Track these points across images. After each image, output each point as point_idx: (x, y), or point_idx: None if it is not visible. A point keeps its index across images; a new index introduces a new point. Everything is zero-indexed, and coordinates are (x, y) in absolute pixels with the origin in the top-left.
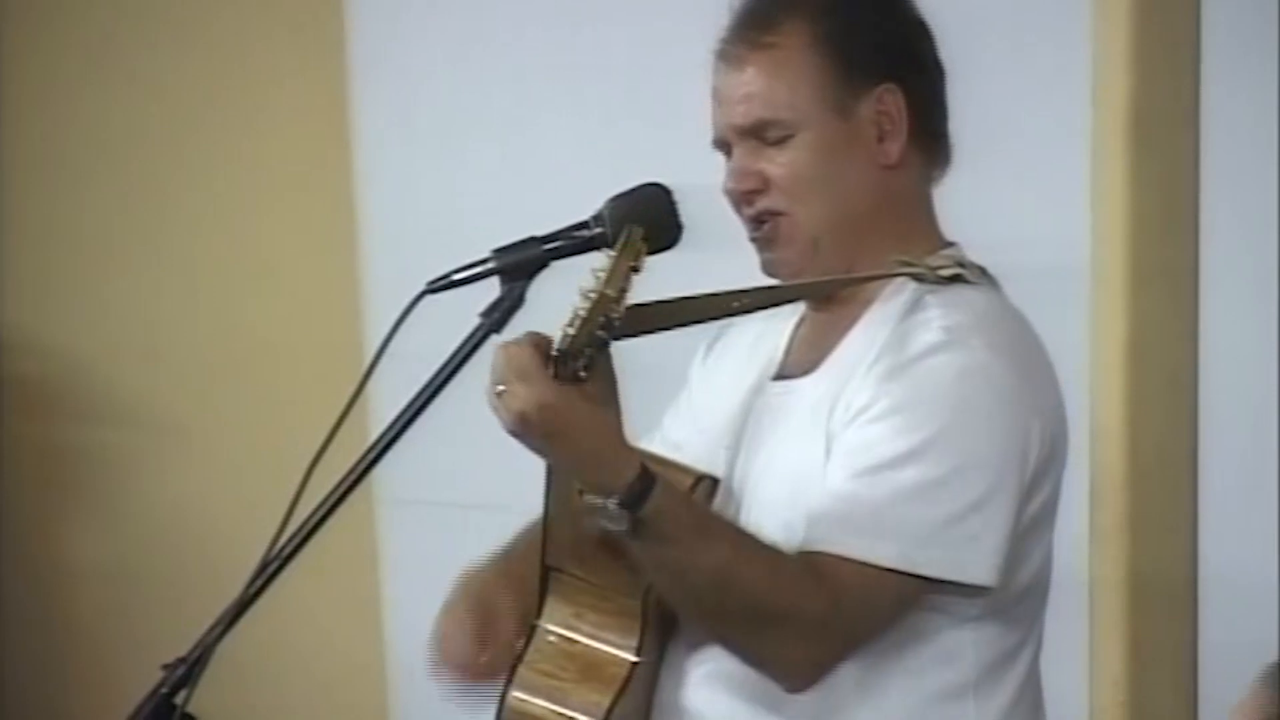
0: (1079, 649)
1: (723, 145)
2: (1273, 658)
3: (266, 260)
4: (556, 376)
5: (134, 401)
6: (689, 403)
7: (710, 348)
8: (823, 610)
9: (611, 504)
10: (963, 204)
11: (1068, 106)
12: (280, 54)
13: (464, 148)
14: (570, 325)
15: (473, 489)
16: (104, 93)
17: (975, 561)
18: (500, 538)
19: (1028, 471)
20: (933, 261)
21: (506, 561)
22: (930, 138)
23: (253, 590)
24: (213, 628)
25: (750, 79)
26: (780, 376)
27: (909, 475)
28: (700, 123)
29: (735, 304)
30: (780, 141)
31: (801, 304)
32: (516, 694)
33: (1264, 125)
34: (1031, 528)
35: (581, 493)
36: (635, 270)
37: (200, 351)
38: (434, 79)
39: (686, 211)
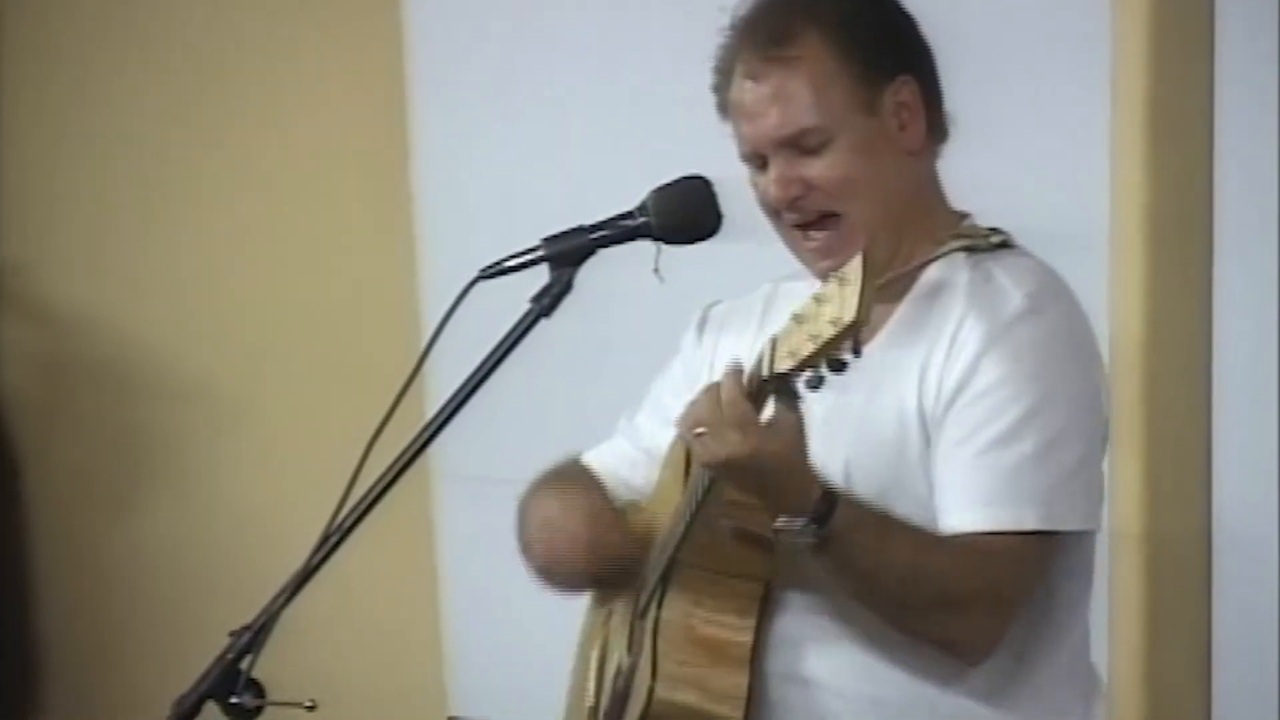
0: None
1: (754, 158)
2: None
3: (329, 248)
4: (752, 399)
5: (203, 383)
6: (686, 373)
7: (704, 322)
8: (992, 579)
9: (802, 524)
10: (992, 190)
11: (1089, 97)
12: (338, 42)
13: (516, 138)
14: (786, 343)
15: (524, 465)
16: (165, 75)
17: (1092, 509)
18: None
19: (1107, 424)
20: (980, 232)
21: (575, 482)
22: (937, 117)
23: (314, 561)
24: (276, 597)
25: (779, 90)
26: None
27: (1029, 443)
28: None
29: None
30: (818, 148)
31: (812, 276)
32: (662, 690)
33: (1274, 102)
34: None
35: (729, 505)
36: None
37: (265, 335)
38: (490, 68)
39: (726, 202)
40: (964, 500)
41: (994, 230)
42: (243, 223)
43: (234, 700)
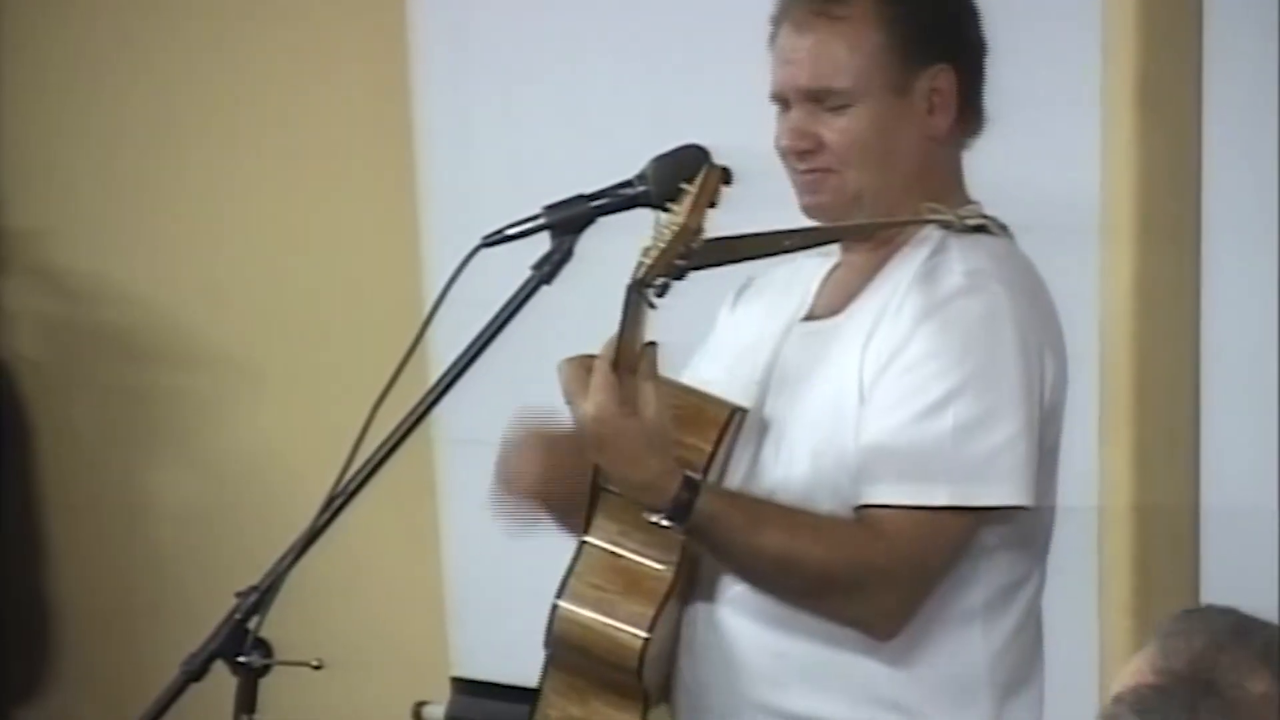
0: (1089, 579)
1: (781, 100)
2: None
3: (334, 215)
4: (615, 363)
5: (211, 348)
6: (717, 344)
7: (739, 295)
8: (885, 564)
9: (661, 519)
10: (982, 165)
11: (1079, 73)
12: (343, 9)
13: (519, 106)
14: (647, 255)
15: None
16: (174, 43)
17: (1019, 487)
18: None
19: (1044, 402)
20: (960, 212)
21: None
22: (972, 111)
23: (320, 523)
24: (283, 558)
25: (818, 46)
26: (809, 318)
27: (949, 418)
28: (743, 87)
29: (786, 242)
30: (838, 109)
31: (833, 254)
32: (567, 604)
33: (1263, 90)
34: (1044, 460)
35: None
36: (713, 205)
37: (272, 301)
38: (492, 36)
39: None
40: (878, 472)
41: (984, 216)
42: (249, 190)
43: (242, 659)
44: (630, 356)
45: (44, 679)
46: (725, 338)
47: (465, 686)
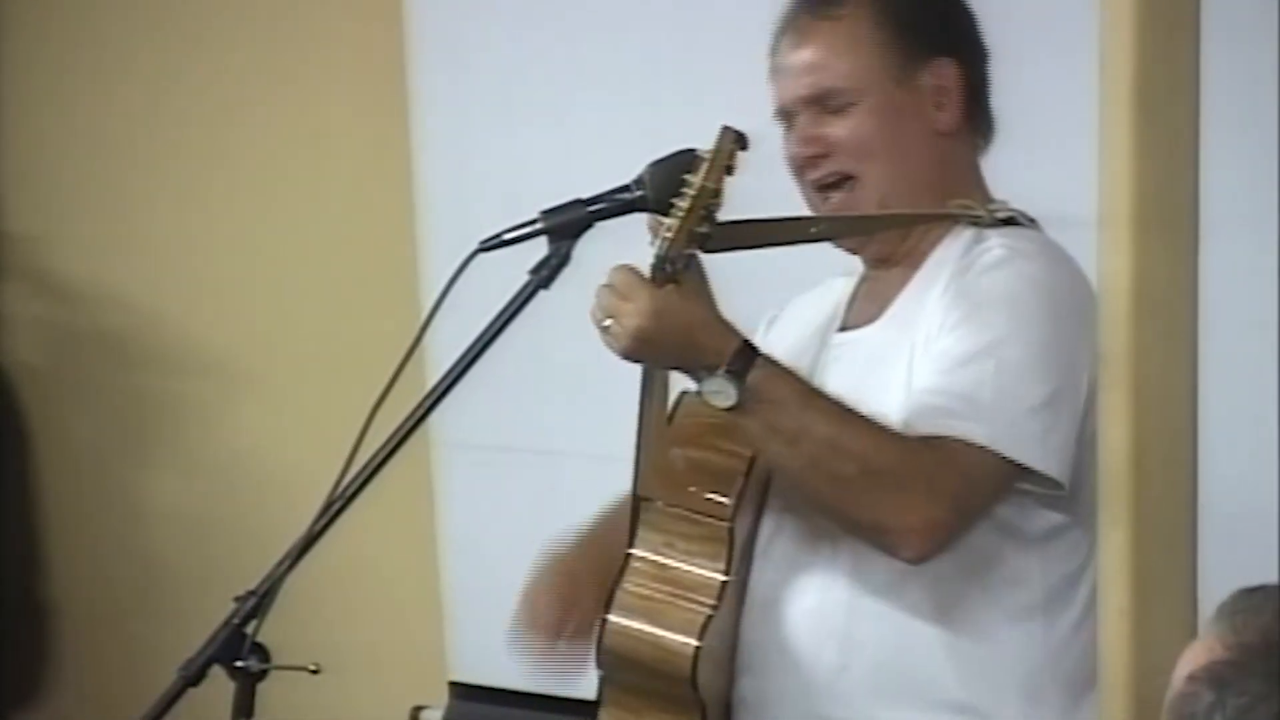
0: None
1: (785, 116)
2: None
3: (331, 220)
4: (654, 281)
5: (208, 353)
6: None
7: (771, 324)
8: (931, 468)
9: (720, 375)
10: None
11: (1076, 73)
12: (339, 16)
13: (517, 111)
14: (668, 230)
15: (523, 434)
16: (172, 49)
17: (1045, 455)
18: (548, 480)
19: (1082, 391)
20: (990, 206)
21: (591, 537)
22: (979, 110)
23: (318, 528)
24: (280, 563)
25: (814, 50)
26: (844, 329)
27: (989, 364)
28: (740, 93)
29: (813, 229)
30: (842, 109)
31: (860, 267)
32: (615, 617)
33: (1261, 89)
34: (1086, 449)
35: (678, 402)
36: (729, 170)
37: (270, 306)
38: (489, 41)
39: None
40: (923, 411)
41: (1015, 211)
42: (247, 195)
43: (239, 664)
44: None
45: (41, 683)
46: None
47: (463, 691)
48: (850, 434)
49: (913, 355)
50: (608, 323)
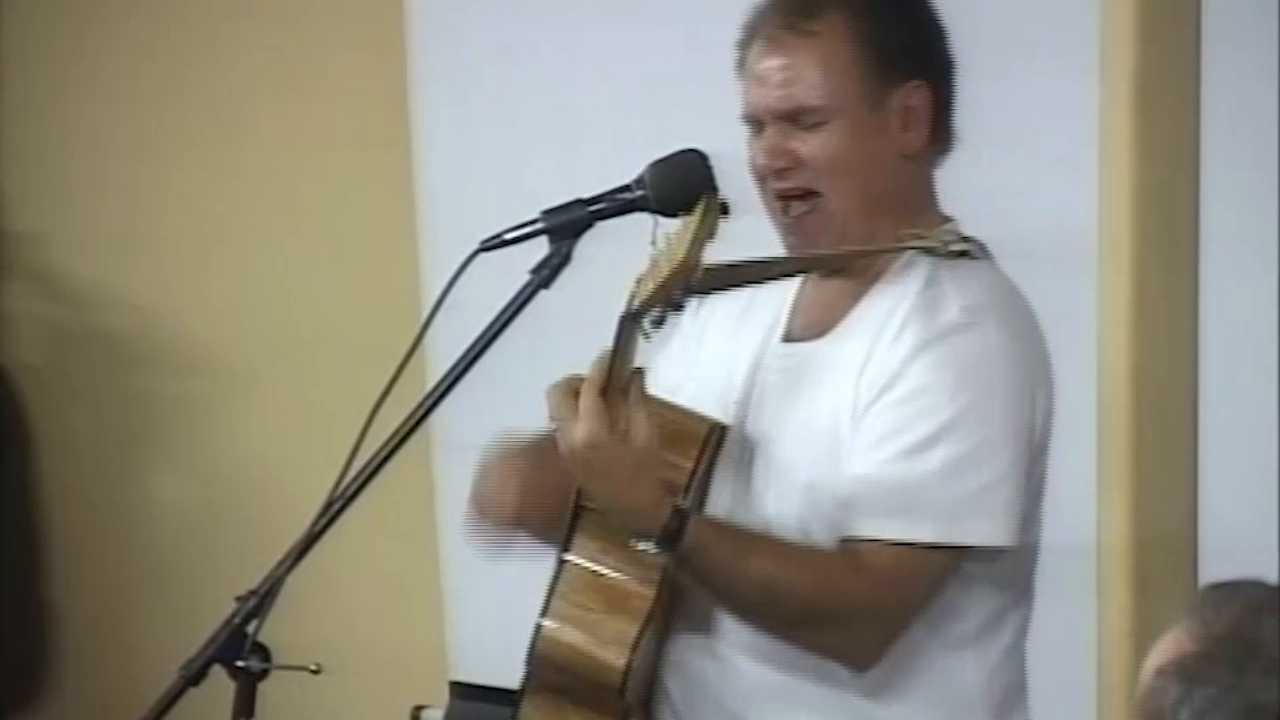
0: (1088, 604)
1: (754, 121)
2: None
3: (332, 220)
4: (605, 384)
5: (209, 353)
6: (683, 348)
7: (702, 302)
8: (869, 598)
9: (649, 546)
10: (979, 177)
11: (1076, 81)
12: (340, 15)
13: (517, 111)
14: (640, 285)
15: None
16: (172, 48)
17: (1003, 527)
18: None
19: (1034, 439)
20: (943, 237)
21: (540, 446)
22: (944, 129)
23: (318, 528)
24: (281, 562)
25: (792, 65)
26: (789, 339)
27: (937, 456)
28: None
29: (778, 269)
30: (814, 127)
31: (793, 287)
32: (550, 623)
33: (1262, 97)
34: (1030, 493)
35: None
36: (711, 237)
37: (271, 307)
38: (489, 41)
39: (721, 176)
40: (865, 505)
41: (965, 239)
42: (247, 195)
43: (240, 664)
44: (620, 382)
45: (43, 683)
46: (690, 343)
47: (463, 691)
48: (786, 580)
49: (858, 390)
50: (554, 420)
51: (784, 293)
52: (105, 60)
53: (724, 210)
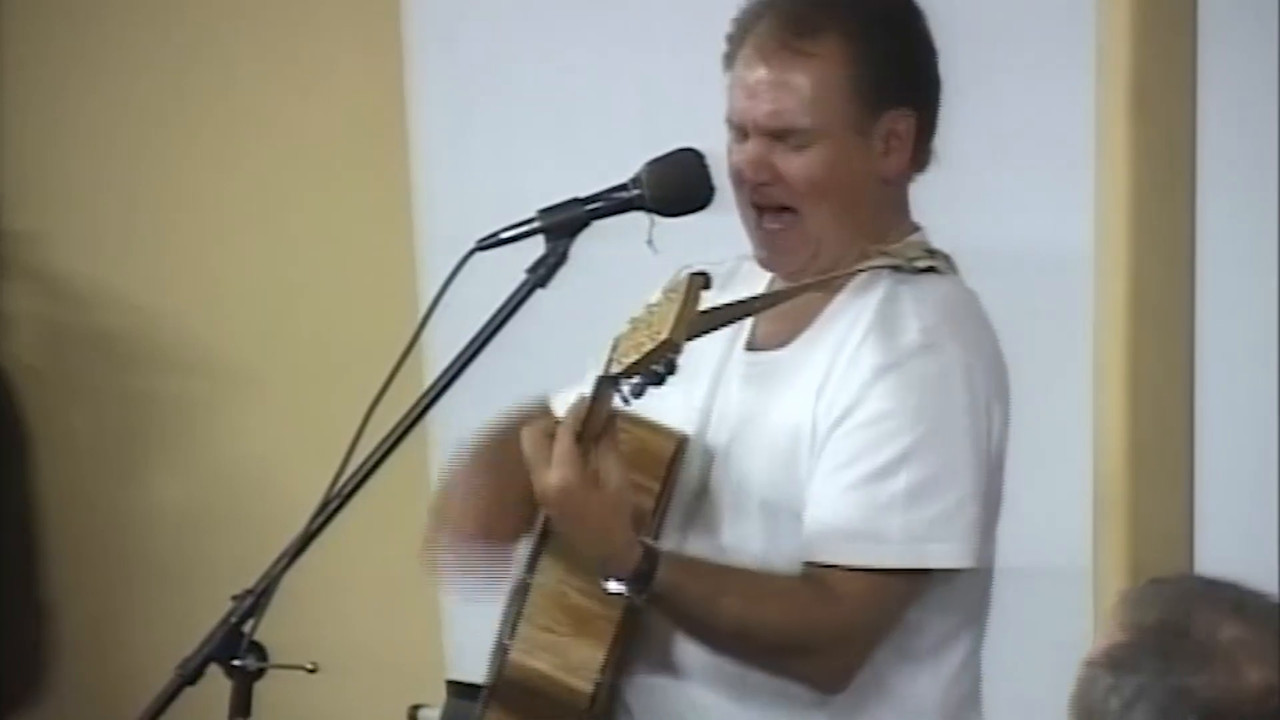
0: (1084, 595)
1: (738, 129)
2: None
3: (329, 218)
4: (581, 430)
5: (206, 352)
6: None
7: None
8: (838, 625)
9: (622, 588)
10: (976, 175)
11: (1073, 83)
12: (338, 16)
13: (514, 111)
14: (621, 351)
15: None
16: (169, 47)
17: (966, 548)
18: None
19: (993, 453)
20: (908, 253)
21: (496, 446)
22: (924, 154)
23: (315, 527)
24: (278, 562)
25: (785, 83)
26: (752, 347)
27: (901, 481)
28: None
29: (757, 304)
30: (799, 147)
31: (764, 277)
32: (518, 650)
33: (1259, 99)
34: (989, 510)
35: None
36: (694, 311)
37: (267, 307)
38: (485, 40)
39: (718, 175)
40: (828, 531)
41: (931, 253)
42: (245, 195)
43: (237, 663)
44: (595, 429)
45: (40, 682)
46: None
47: (460, 689)
48: (758, 615)
49: (819, 394)
50: (529, 462)
51: (747, 285)
52: (105, 60)
53: (706, 284)
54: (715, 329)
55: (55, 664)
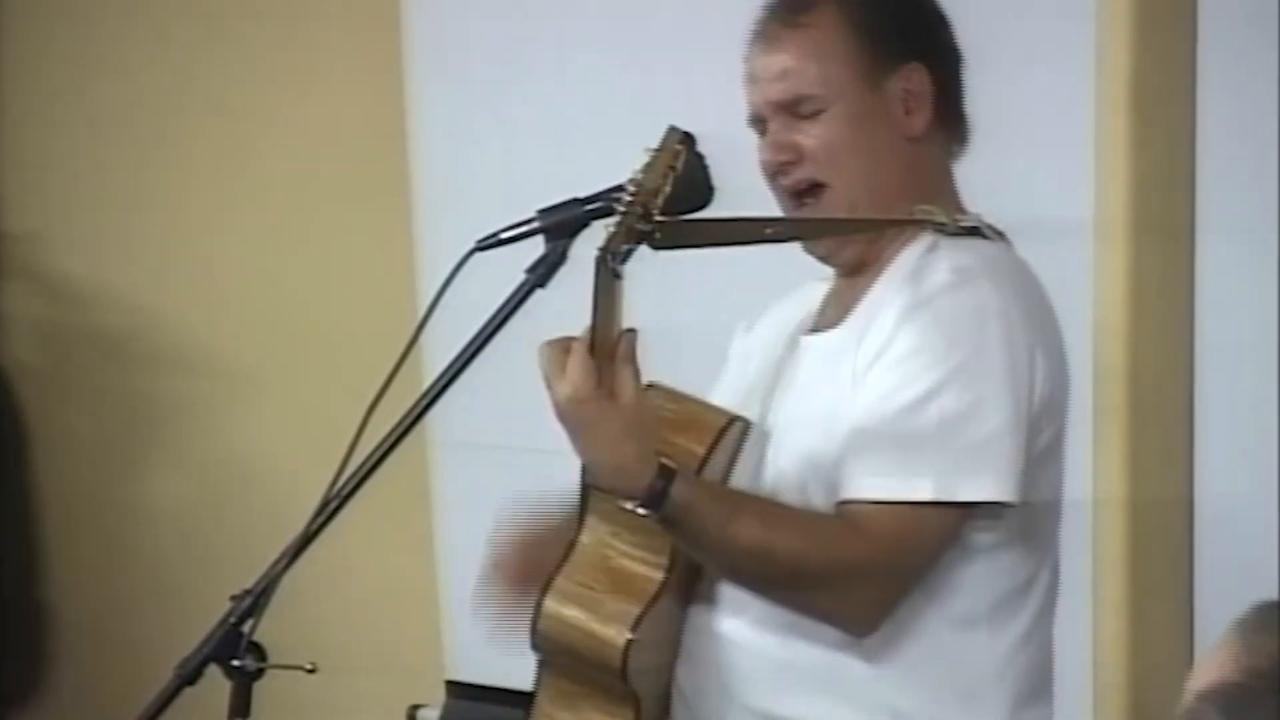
0: (1083, 580)
1: (758, 123)
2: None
3: (328, 218)
4: (593, 342)
5: (206, 352)
6: (729, 373)
7: (750, 327)
8: (866, 559)
9: (636, 506)
10: (976, 169)
11: (1073, 75)
12: (338, 17)
13: (513, 111)
14: (610, 225)
15: (520, 433)
16: (168, 47)
17: (1004, 482)
18: (543, 478)
19: (1035, 400)
20: (955, 216)
21: (550, 520)
22: (951, 115)
23: (314, 527)
24: (277, 562)
25: (785, 57)
26: (812, 332)
27: (932, 411)
28: (737, 93)
29: (769, 230)
30: (813, 115)
31: (822, 290)
32: (551, 602)
33: (1258, 90)
34: (1040, 461)
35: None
36: (674, 169)
37: (267, 306)
38: (485, 41)
39: (717, 175)
40: (860, 465)
41: (979, 222)
42: (244, 195)
43: (236, 663)
44: (608, 340)
45: (40, 682)
46: (736, 365)
47: (459, 690)
48: (777, 541)
49: (856, 357)
50: (546, 378)
51: (816, 296)
52: (105, 60)
53: (686, 141)
54: (711, 244)
55: (55, 663)
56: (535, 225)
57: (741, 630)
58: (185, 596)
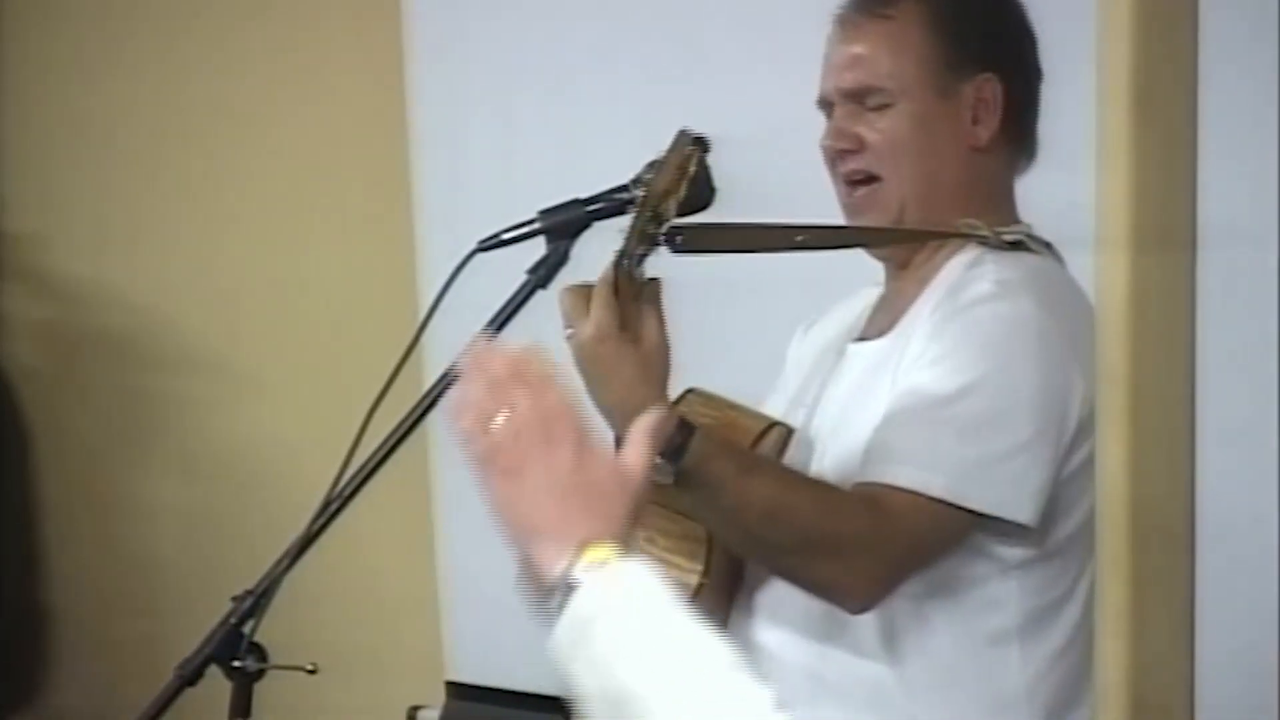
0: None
1: (825, 105)
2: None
3: (330, 219)
4: (617, 284)
5: (207, 352)
6: (784, 380)
7: (807, 330)
8: (871, 532)
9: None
10: None
11: (1072, 78)
12: (338, 17)
13: (515, 111)
14: (623, 230)
15: None
16: (170, 48)
17: (1017, 501)
18: None
19: (1069, 425)
20: (998, 228)
21: None
22: (1020, 131)
23: (315, 527)
24: (278, 562)
25: (861, 46)
26: (861, 339)
27: (957, 412)
28: (739, 94)
29: (799, 238)
30: (879, 108)
31: (873, 296)
32: None
33: (1261, 94)
34: (1074, 480)
35: None
36: (685, 171)
37: (269, 306)
38: (487, 42)
39: (719, 175)
40: (876, 452)
41: (1026, 235)
42: (246, 195)
43: (237, 663)
44: (633, 289)
45: (40, 683)
46: (790, 371)
47: (460, 691)
48: (788, 506)
49: (897, 367)
50: (569, 331)
51: (866, 303)
52: (105, 60)
53: (701, 145)
54: (730, 249)
55: (55, 663)
56: (537, 226)
57: (779, 641)
58: (186, 597)
